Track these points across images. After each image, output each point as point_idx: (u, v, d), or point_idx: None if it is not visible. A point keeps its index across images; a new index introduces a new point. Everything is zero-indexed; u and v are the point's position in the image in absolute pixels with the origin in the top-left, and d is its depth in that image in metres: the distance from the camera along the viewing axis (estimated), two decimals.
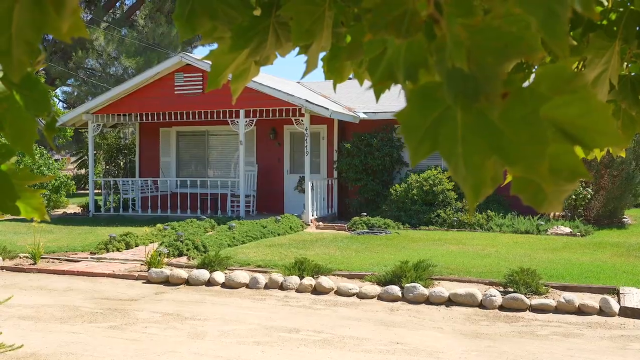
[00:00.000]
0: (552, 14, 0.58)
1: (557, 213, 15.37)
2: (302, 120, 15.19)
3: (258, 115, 15.63)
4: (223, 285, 8.73)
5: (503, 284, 7.96)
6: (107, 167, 22.83)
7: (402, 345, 6.04)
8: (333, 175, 16.88)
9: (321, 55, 1.19)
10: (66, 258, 10.65)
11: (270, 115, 15.52)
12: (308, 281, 8.38)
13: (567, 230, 13.29)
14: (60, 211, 19.23)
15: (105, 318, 7.06)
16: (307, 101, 14.88)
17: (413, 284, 7.90)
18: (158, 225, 13.25)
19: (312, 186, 15.35)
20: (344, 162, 16.41)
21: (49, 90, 1.01)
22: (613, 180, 14.53)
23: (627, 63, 1.66)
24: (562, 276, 8.49)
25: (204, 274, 8.86)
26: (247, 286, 8.63)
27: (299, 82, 21.12)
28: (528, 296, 7.54)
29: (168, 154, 18.58)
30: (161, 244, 10.71)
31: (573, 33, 1.51)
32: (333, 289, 8.27)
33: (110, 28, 33.04)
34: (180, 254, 10.49)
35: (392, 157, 16.36)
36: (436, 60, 0.64)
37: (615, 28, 1.50)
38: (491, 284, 8.16)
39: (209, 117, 16.02)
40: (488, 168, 0.60)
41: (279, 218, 14.09)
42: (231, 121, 15.79)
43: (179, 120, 16.43)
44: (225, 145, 18.19)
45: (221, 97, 15.15)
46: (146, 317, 7.08)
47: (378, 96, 1.02)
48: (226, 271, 9.18)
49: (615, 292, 7.70)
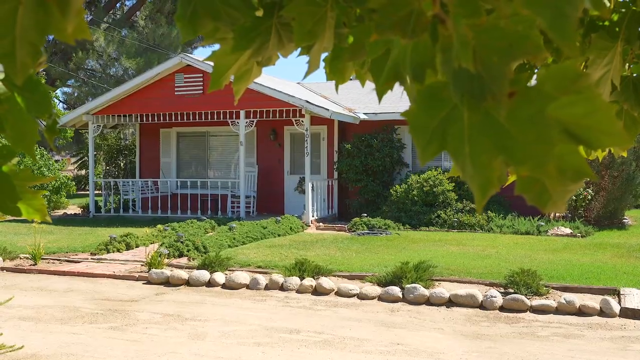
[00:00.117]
0: (561, 15, 0.58)
1: (558, 214, 15.37)
2: (303, 121, 15.19)
3: (258, 116, 15.63)
4: (223, 286, 8.72)
5: (503, 285, 7.96)
6: (108, 168, 22.83)
7: (403, 346, 6.03)
8: (333, 176, 16.88)
9: (323, 56, 1.19)
10: (66, 259, 10.65)
11: (270, 116, 15.52)
12: (308, 282, 8.38)
13: (568, 231, 13.28)
14: (60, 212, 19.23)
15: (105, 319, 7.06)
16: (308, 102, 14.88)
17: (413, 285, 7.90)
18: (158, 226, 13.25)
19: (313, 187, 15.35)
20: (344, 163, 16.40)
21: (50, 91, 1.00)
22: (613, 181, 14.52)
23: (629, 64, 1.66)
24: (563, 277, 8.49)
25: (205, 275, 8.86)
26: (248, 287, 8.63)
27: (299, 83, 21.12)
28: (528, 297, 7.54)
29: (168, 155, 18.58)
30: (161, 245, 10.72)
31: None
32: (333, 290, 8.27)
33: (110, 29, 33.05)
34: (180, 255, 10.49)
35: (393, 158, 16.36)
36: (442, 60, 0.64)
37: (617, 29, 1.49)
38: (492, 285, 8.16)
39: (210, 118, 16.02)
40: (495, 167, 0.60)
41: (279, 219, 14.08)
42: (231, 122, 15.79)
43: (179, 121, 16.43)
44: (225, 146, 18.19)
45: (221, 98, 15.16)
46: (147, 318, 7.08)
47: (381, 97, 1.01)
48: (227, 272, 9.17)
49: (615, 293, 7.69)
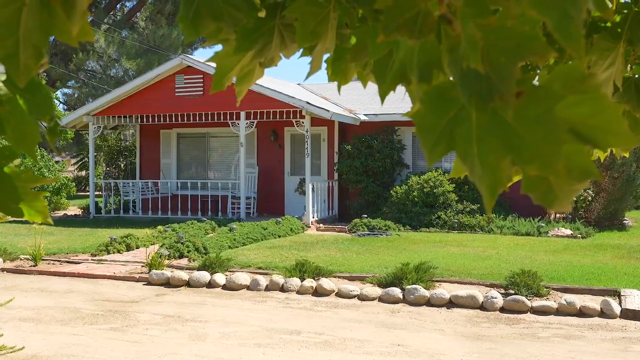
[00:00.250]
0: (566, 16, 0.58)
1: (558, 215, 15.36)
2: (303, 122, 15.19)
3: (259, 117, 15.63)
4: (224, 287, 8.72)
5: (504, 286, 7.96)
6: (108, 169, 22.82)
7: (403, 347, 6.03)
8: (333, 177, 16.88)
9: (324, 57, 1.19)
10: (67, 260, 10.64)
11: (270, 117, 15.52)
12: (309, 283, 8.38)
13: (568, 232, 13.28)
14: (60, 213, 19.23)
15: (106, 320, 7.05)
16: (308, 103, 14.89)
17: (414, 286, 7.89)
18: (159, 227, 13.25)
19: (313, 188, 15.35)
20: (345, 164, 16.40)
21: (51, 93, 1.00)
22: (614, 182, 14.51)
23: (631, 65, 1.66)
24: (563, 278, 8.48)
25: (205, 276, 8.86)
26: (248, 288, 8.62)
27: (300, 84, 21.13)
28: (529, 298, 7.53)
29: (168, 156, 18.58)
30: (162, 246, 10.71)
31: None
32: (334, 291, 8.27)
33: (110, 30, 33.06)
34: (181, 256, 10.49)
35: (393, 159, 16.36)
36: (449, 61, 0.64)
37: (619, 30, 1.49)
38: (492, 286, 8.15)
39: (210, 119, 16.02)
40: (503, 167, 0.60)
41: (280, 220, 14.08)
42: (232, 123, 15.79)
43: (180, 122, 16.43)
44: (225, 147, 18.19)
45: (222, 99, 15.16)
46: (147, 319, 7.08)
47: (384, 98, 1.01)
48: (227, 273, 9.17)
49: (616, 294, 7.69)
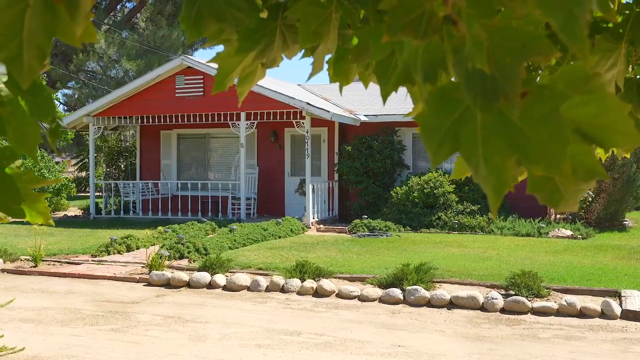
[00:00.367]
0: (572, 17, 0.58)
1: (559, 216, 15.36)
2: (303, 122, 15.19)
3: (259, 117, 15.63)
4: (224, 287, 8.71)
5: (504, 287, 7.95)
6: (108, 170, 22.84)
7: (404, 348, 6.03)
8: (334, 177, 16.88)
9: (326, 58, 1.19)
10: (67, 261, 10.64)
11: (271, 117, 15.53)
12: (309, 284, 8.37)
13: (568, 233, 13.28)
14: (61, 214, 19.22)
15: (106, 321, 7.05)
16: (308, 104, 14.89)
17: (414, 287, 7.89)
18: (159, 227, 13.25)
19: (313, 189, 15.34)
20: (345, 165, 16.40)
21: (53, 95, 1.00)
22: (614, 183, 14.50)
23: (633, 66, 1.66)
24: (564, 279, 8.47)
25: (205, 277, 8.85)
26: (249, 289, 8.62)
27: (300, 85, 21.14)
28: (529, 299, 7.52)
29: (169, 157, 18.58)
30: (162, 247, 10.71)
31: None
32: (334, 292, 8.26)
33: (111, 31, 33.06)
34: (181, 257, 10.49)
35: (393, 160, 16.36)
36: (454, 61, 0.64)
37: (621, 30, 1.49)
38: (492, 287, 8.15)
39: (210, 120, 16.02)
40: (509, 168, 0.59)
41: (280, 221, 14.08)
42: (232, 124, 15.79)
43: (180, 122, 16.44)
44: (226, 147, 18.19)
45: (222, 100, 15.17)
46: (147, 320, 7.07)
47: (386, 98, 1.01)
48: (227, 274, 9.16)
49: (617, 295, 7.68)
